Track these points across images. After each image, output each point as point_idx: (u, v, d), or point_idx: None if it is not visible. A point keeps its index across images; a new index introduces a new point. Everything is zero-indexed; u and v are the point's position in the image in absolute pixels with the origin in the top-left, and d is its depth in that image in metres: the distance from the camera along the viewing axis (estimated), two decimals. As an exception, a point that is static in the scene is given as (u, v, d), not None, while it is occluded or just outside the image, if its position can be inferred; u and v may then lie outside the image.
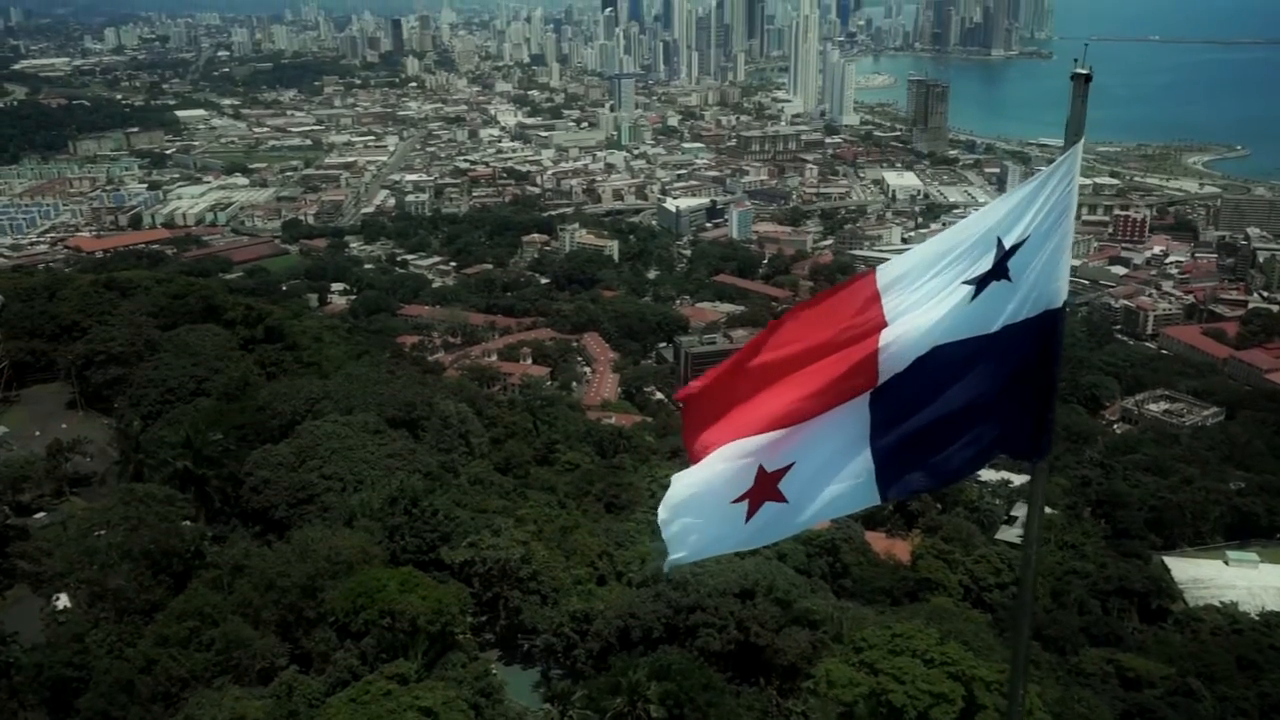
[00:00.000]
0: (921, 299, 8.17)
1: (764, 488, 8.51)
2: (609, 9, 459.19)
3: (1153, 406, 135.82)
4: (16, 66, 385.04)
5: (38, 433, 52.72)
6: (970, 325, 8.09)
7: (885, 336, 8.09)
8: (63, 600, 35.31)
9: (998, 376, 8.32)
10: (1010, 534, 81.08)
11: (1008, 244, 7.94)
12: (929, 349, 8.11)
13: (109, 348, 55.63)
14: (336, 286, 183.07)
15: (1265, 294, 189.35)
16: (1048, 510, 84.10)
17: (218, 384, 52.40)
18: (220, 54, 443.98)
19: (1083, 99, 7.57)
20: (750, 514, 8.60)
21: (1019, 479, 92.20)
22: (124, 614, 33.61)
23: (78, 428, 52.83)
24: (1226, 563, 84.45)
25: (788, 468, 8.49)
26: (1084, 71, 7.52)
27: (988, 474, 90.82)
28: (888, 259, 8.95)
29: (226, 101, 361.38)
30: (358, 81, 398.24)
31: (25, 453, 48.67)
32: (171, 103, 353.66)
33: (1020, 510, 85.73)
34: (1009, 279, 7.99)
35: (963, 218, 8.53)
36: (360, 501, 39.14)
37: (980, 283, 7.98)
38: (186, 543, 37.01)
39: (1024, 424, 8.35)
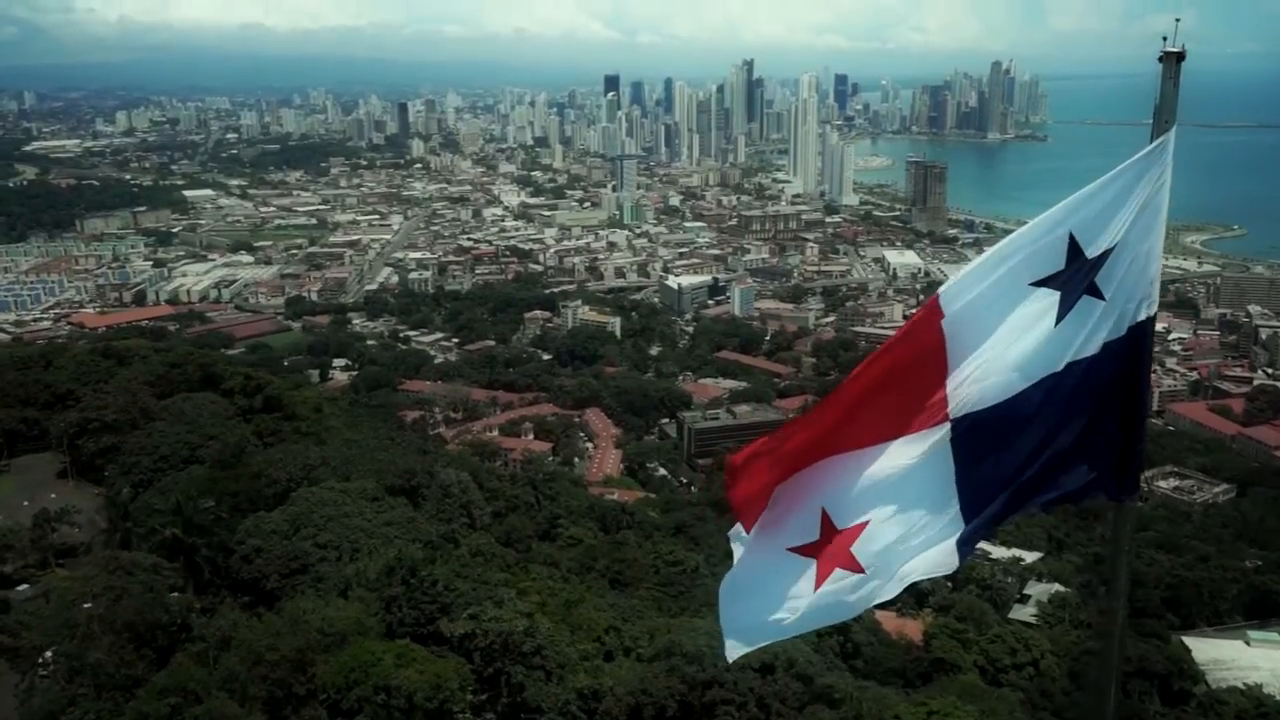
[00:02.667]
0: (995, 318, 7.08)
1: (835, 549, 7.39)
2: (611, 93, 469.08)
3: (1162, 483, 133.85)
4: (28, 148, 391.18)
5: (26, 503, 51.20)
6: (1059, 353, 7.07)
7: (959, 373, 7.11)
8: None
9: (1084, 407, 7.20)
10: (1024, 613, 79.07)
11: (1093, 253, 6.87)
12: (1018, 384, 7.07)
13: (102, 416, 54.47)
14: (338, 362, 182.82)
15: (1270, 371, 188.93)
16: (1060, 588, 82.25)
17: (212, 451, 51.12)
18: (229, 136, 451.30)
19: (1174, 81, 6.61)
20: (820, 580, 7.44)
21: (1030, 556, 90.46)
22: (103, 690, 31.77)
23: (67, 497, 51.34)
24: (1248, 643, 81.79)
25: (861, 527, 7.37)
26: (1175, 50, 6.60)
27: (998, 551, 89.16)
28: (890, 335, 7.85)
29: (234, 182, 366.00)
30: (363, 162, 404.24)
31: (10, 522, 47.12)
32: (179, 183, 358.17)
33: (1034, 589, 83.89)
34: (1101, 295, 6.95)
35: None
36: (356, 571, 37.60)
37: (1059, 292, 6.94)
38: (172, 614, 35.29)
39: (1109, 459, 7.28)
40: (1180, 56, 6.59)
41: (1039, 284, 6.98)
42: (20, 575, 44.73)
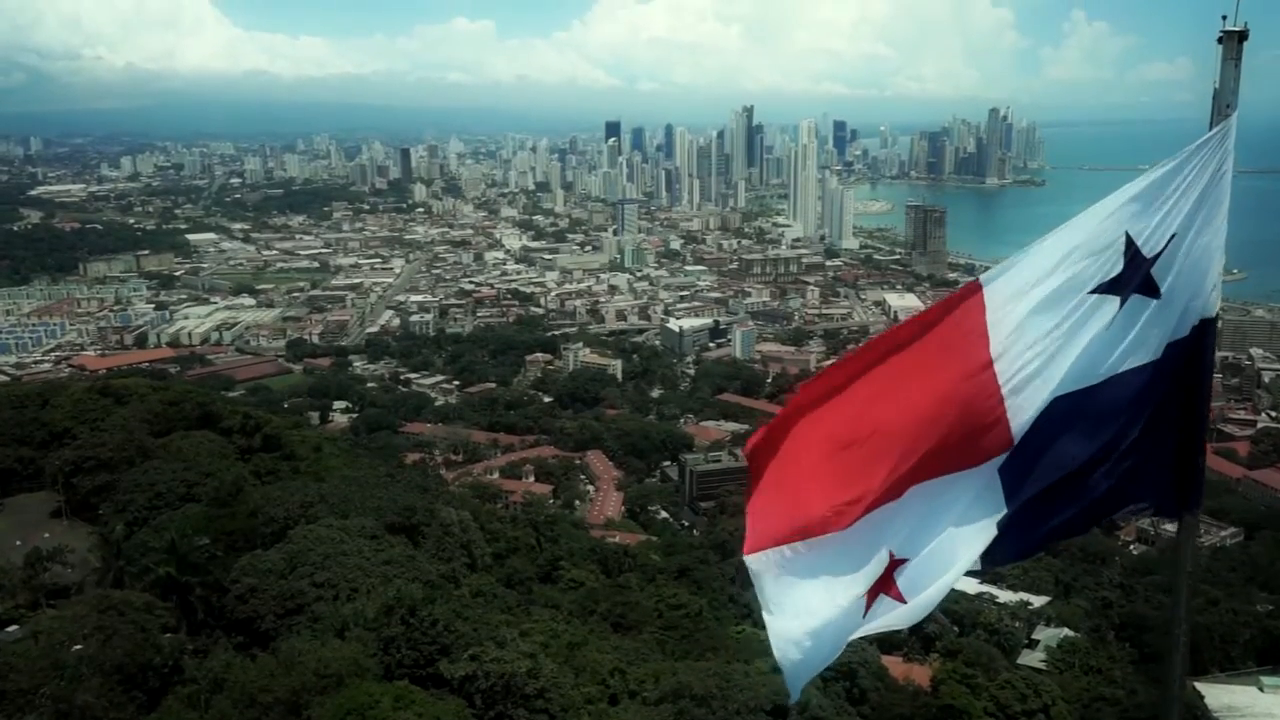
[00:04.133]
0: (1046, 323, 6.56)
1: (885, 579, 6.94)
2: (612, 139, 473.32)
3: (1169, 527, 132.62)
4: (33, 192, 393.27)
5: (18, 542, 50.24)
6: (1114, 358, 6.56)
7: (1013, 383, 6.57)
8: None
9: (1141, 415, 6.63)
10: (1033, 658, 77.76)
11: (1150, 251, 6.33)
12: (1068, 392, 6.54)
13: (98, 454, 53.70)
14: (339, 404, 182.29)
15: (1274, 414, 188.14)
16: (1069, 633, 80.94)
17: (208, 489, 50.32)
18: (233, 181, 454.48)
19: (1235, 62, 6.08)
20: (867, 608, 6.98)
21: (1038, 600, 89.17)
22: (91, 734, 30.83)
23: (61, 537, 50.39)
24: (1261, 689, 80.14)
25: (905, 559, 6.90)
26: (1237, 29, 6.09)
27: (1005, 595, 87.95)
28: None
29: (237, 226, 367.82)
30: (366, 207, 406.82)
31: (2, 562, 46.17)
32: (183, 227, 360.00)
33: (1042, 633, 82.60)
34: (1158, 295, 6.41)
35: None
36: (353, 610, 36.69)
37: (1119, 297, 6.43)
38: (164, 655, 34.36)
39: (1169, 471, 6.72)
40: (1243, 35, 6.08)
41: (1097, 291, 6.47)
42: (11, 616, 43.71)
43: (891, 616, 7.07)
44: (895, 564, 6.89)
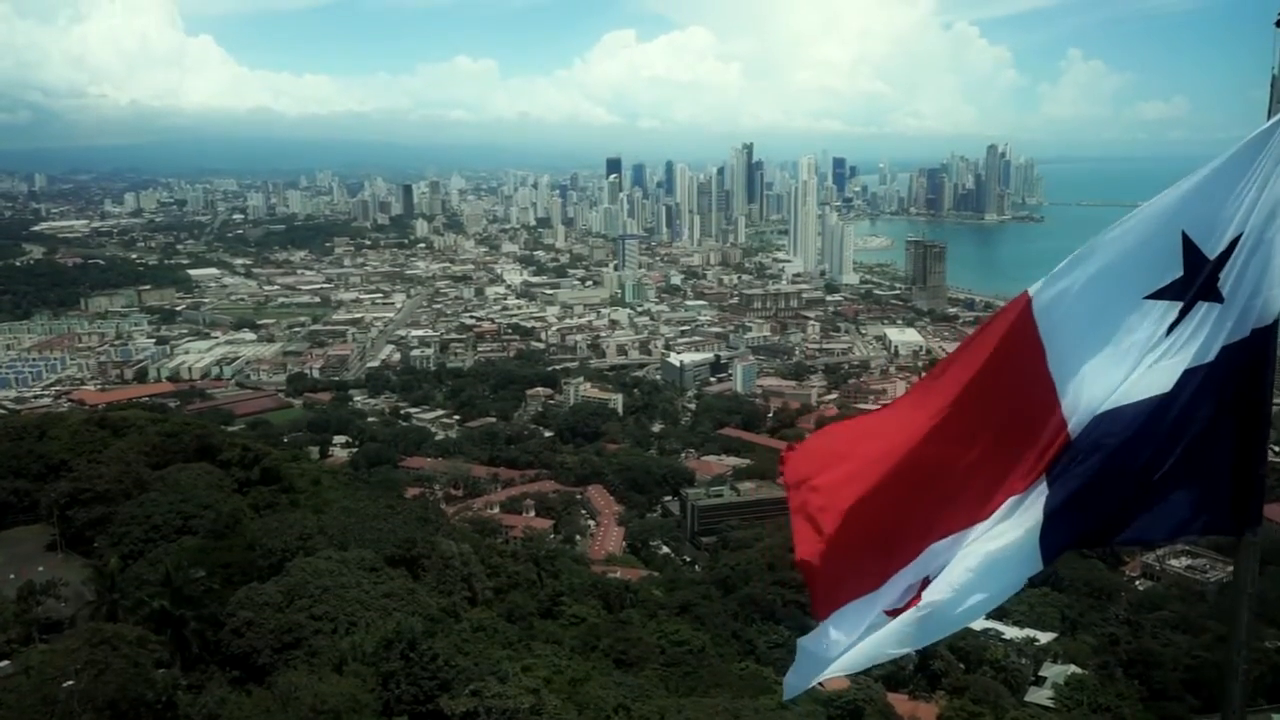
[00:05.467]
0: (1101, 333, 6.21)
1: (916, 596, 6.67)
2: (613, 175, 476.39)
3: (1174, 562, 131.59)
4: (36, 228, 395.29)
5: (12, 576, 49.50)
6: (1171, 365, 6.11)
7: (1069, 398, 6.30)
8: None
9: (1197, 426, 6.14)
10: (1040, 695, 76.88)
11: (1212, 251, 5.89)
12: (1124, 404, 6.17)
13: (95, 486, 53.04)
14: (339, 439, 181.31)
15: (1277, 449, 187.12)
16: (1077, 670, 79.85)
17: (205, 521, 49.61)
18: (235, 216, 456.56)
19: None
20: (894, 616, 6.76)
21: (1045, 637, 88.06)
22: (81, 771, 30.05)
23: (55, 570, 49.66)
24: (1273, 727, 79.04)
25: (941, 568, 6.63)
26: None
27: (1012, 631, 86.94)
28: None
29: (239, 261, 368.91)
30: (368, 242, 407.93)
31: (-5, 596, 45.48)
32: (185, 262, 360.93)
33: (1049, 670, 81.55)
34: (1219, 298, 5.96)
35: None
36: (352, 644, 35.94)
37: (1179, 302, 6.05)
38: (157, 691, 33.56)
39: (1226, 486, 6.21)
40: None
41: (1155, 296, 6.06)
42: (2, 651, 42.96)
43: (907, 628, 6.66)
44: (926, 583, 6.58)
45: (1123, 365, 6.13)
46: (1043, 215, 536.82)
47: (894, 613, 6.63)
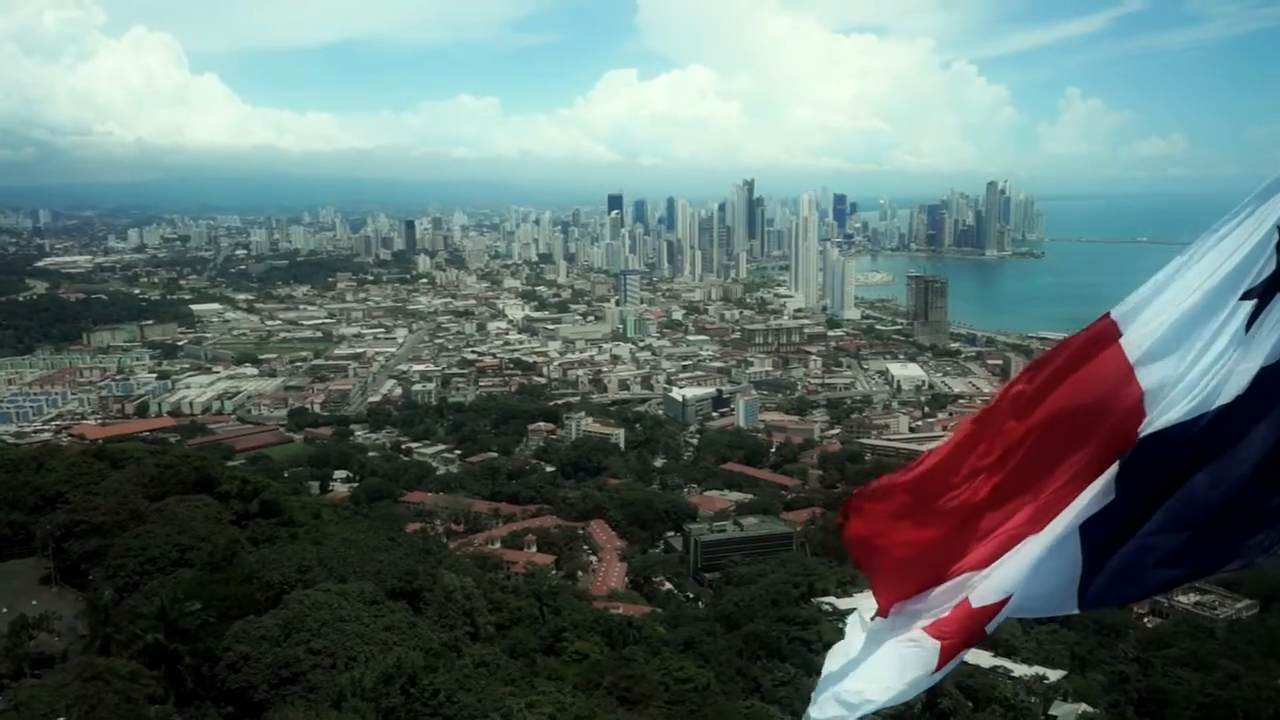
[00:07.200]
0: (1193, 338, 5.88)
1: (970, 628, 6.13)
2: (615, 211, 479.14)
3: (1183, 599, 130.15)
4: (40, 263, 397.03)
5: (4, 610, 48.63)
6: (1249, 365, 5.69)
7: (1159, 407, 5.92)
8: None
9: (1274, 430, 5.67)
10: (1050, 734, 75.34)
11: None
12: (1197, 412, 5.74)
13: (90, 518, 52.25)
14: (339, 474, 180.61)
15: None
16: (1086, 709, 78.40)
17: (202, 553, 48.77)
18: (238, 252, 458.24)
19: None
20: (942, 662, 6.18)
21: (1054, 674, 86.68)
22: (70, 811, 29.10)
23: (49, 603, 48.75)
24: (1290, 767, 77.50)
25: (1002, 604, 6.08)
26: None
27: (1020, 669, 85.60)
28: (896, 448, 6.58)
29: (241, 296, 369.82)
30: (370, 278, 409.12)
31: (-14, 630, 44.55)
32: (187, 297, 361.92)
33: (1059, 709, 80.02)
34: None
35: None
36: (351, 680, 35.04)
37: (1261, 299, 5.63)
38: (150, 727, 32.77)
39: None
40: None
41: (1246, 296, 5.62)
42: (-8, 687, 41.99)
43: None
44: (985, 612, 6.09)
45: (1217, 369, 5.64)
46: (1043, 251, 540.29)
47: (930, 629, 6.21)
